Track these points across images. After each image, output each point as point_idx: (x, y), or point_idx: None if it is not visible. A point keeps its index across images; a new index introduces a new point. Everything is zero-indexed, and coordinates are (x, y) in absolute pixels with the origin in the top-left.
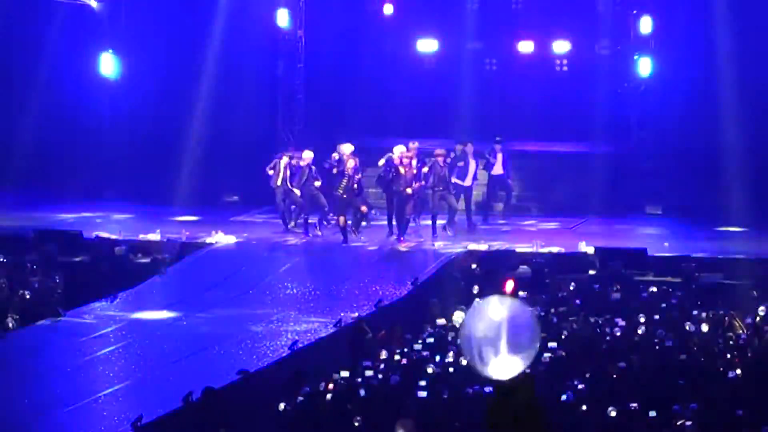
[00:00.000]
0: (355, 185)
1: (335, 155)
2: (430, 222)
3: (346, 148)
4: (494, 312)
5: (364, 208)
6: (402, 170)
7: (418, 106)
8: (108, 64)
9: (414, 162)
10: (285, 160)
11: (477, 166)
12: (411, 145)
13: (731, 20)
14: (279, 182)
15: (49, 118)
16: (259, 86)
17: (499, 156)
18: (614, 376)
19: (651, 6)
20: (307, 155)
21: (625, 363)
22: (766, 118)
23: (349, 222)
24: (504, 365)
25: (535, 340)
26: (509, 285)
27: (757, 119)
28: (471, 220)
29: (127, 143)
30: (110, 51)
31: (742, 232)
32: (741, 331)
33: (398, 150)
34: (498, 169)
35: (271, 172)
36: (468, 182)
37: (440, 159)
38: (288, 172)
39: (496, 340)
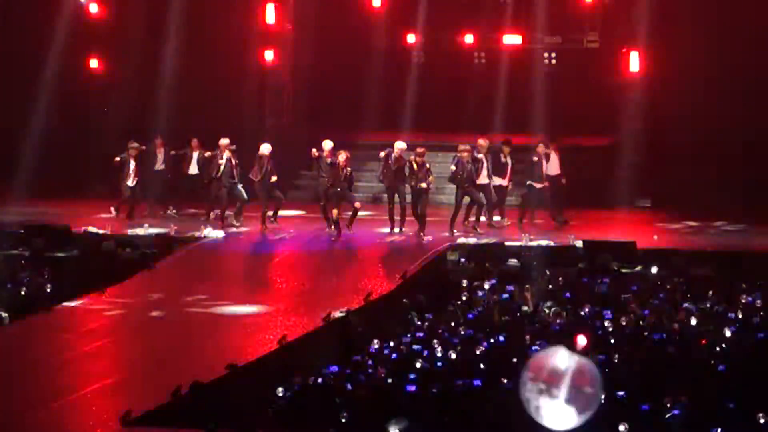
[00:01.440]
0: (348, 177)
1: (315, 151)
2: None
3: (326, 145)
4: (560, 365)
5: (358, 205)
6: (415, 166)
7: (406, 99)
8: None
9: (484, 157)
10: (227, 154)
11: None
12: (481, 141)
13: (722, 11)
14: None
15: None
16: (247, 80)
17: (554, 156)
18: (603, 368)
19: None
20: (265, 148)
21: (615, 355)
22: (759, 111)
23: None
24: (559, 416)
25: (595, 400)
26: (581, 340)
27: (750, 112)
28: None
29: (112, 137)
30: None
31: (732, 224)
32: (729, 324)
33: (399, 146)
34: (555, 169)
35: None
36: (506, 182)
37: (465, 155)
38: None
39: (557, 393)
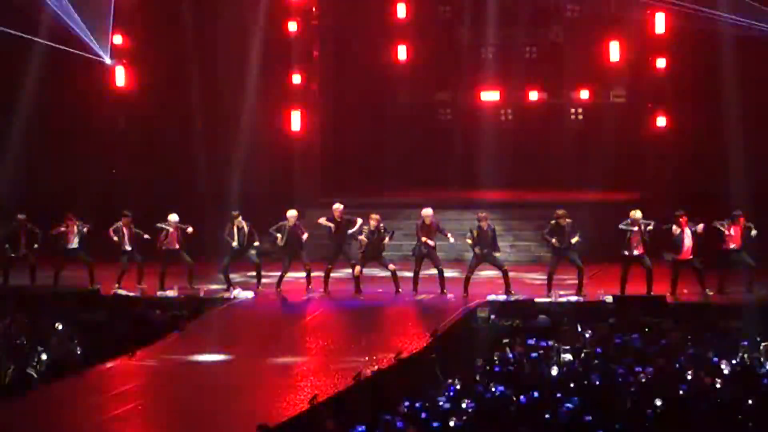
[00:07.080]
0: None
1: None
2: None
3: (336, 208)
4: None
5: (392, 267)
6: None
7: (434, 158)
8: None
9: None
10: (239, 221)
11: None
12: (636, 214)
13: (738, 66)
14: (236, 244)
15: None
16: (275, 141)
17: (737, 229)
18: (634, 423)
19: (664, 52)
20: (292, 214)
21: (647, 409)
22: None
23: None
24: None
25: None
26: None
27: None
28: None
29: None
30: None
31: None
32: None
33: (427, 212)
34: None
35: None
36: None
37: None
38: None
39: None
